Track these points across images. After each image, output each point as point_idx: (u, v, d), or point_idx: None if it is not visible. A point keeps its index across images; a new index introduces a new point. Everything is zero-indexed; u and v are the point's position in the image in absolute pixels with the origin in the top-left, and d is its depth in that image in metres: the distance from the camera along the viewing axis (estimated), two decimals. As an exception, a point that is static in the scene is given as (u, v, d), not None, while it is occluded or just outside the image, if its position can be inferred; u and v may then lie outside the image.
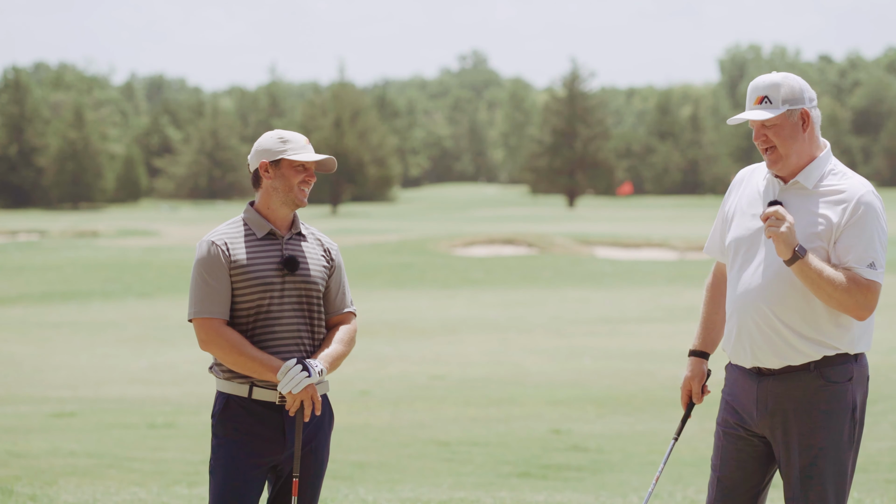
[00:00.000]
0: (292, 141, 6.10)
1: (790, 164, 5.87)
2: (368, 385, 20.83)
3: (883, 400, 18.71)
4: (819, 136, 5.97)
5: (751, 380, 5.91)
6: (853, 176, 5.89)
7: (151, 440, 15.23)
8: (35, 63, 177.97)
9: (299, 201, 6.10)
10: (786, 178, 5.91)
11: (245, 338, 6.02)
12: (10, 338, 28.56)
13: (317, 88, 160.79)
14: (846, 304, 5.71)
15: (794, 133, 5.87)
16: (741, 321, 5.88)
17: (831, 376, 5.81)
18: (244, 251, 6.05)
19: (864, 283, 5.72)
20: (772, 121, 5.85)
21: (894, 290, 38.94)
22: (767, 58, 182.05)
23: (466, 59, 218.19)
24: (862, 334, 5.89)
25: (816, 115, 5.93)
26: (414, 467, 13.63)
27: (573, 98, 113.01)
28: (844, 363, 5.83)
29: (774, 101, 5.86)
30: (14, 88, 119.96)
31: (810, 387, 5.81)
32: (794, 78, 5.90)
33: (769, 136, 5.87)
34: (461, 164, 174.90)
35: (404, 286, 41.74)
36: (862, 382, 5.90)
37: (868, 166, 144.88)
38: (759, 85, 5.88)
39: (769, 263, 5.82)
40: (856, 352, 5.87)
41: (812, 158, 5.90)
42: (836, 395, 5.81)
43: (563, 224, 71.35)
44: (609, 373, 22.06)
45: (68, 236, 65.92)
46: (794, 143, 5.87)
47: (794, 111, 5.86)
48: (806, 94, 5.88)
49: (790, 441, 5.84)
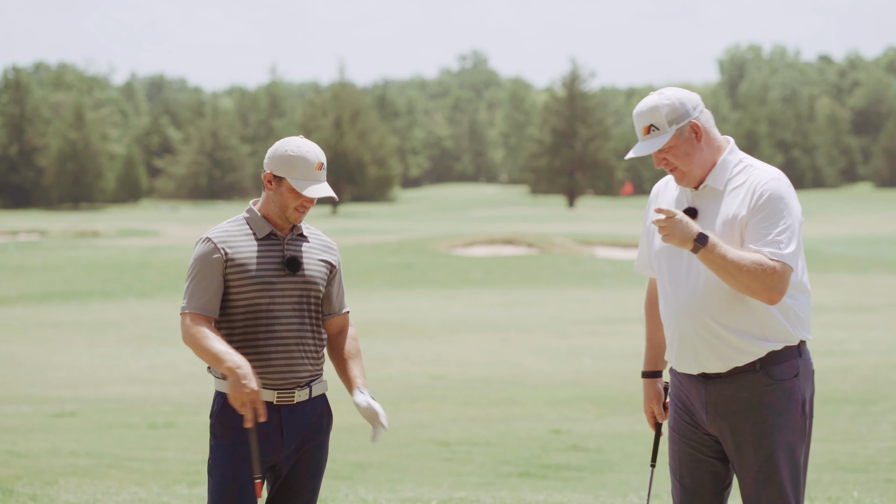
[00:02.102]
0: (301, 166, 6.02)
1: (696, 176, 5.83)
2: (368, 385, 20.81)
3: (883, 400, 18.70)
4: (717, 136, 5.87)
5: (698, 384, 5.87)
6: (761, 166, 5.81)
7: (151, 440, 15.24)
8: (35, 63, 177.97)
9: (294, 220, 6.09)
10: (696, 185, 5.88)
11: (244, 333, 6.03)
12: (11, 338, 28.57)
13: (317, 88, 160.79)
14: (753, 287, 5.60)
15: (690, 148, 5.81)
16: (680, 331, 5.84)
17: (777, 374, 5.75)
18: (244, 250, 6.05)
19: (770, 265, 5.61)
20: (665, 146, 5.80)
21: (894, 289, 38.95)
22: (767, 58, 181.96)
23: (466, 59, 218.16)
24: (797, 321, 5.78)
25: (706, 118, 5.84)
26: (414, 467, 13.63)
27: (573, 98, 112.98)
28: (789, 359, 5.76)
29: (661, 126, 5.79)
30: (14, 88, 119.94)
31: (757, 386, 5.76)
32: (671, 94, 5.81)
33: (669, 160, 5.83)
34: (461, 164, 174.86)
35: (404, 286, 41.73)
36: (808, 377, 5.83)
37: (868, 166, 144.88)
38: (641, 113, 5.81)
39: (696, 269, 5.79)
40: (798, 339, 5.78)
41: (715, 162, 5.83)
42: (785, 393, 5.75)
43: (563, 224, 71.35)
44: (609, 373, 22.07)
45: (68, 236, 65.92)
46: (693, 158, 5.81)
47: (683, 128, 5.79)
48: (688, 104, 5.79)
49: (742, 442, 5.79)
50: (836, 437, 15.69)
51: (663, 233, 5.67)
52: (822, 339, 26.56)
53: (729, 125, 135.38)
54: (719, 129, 6.09)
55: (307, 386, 6.10)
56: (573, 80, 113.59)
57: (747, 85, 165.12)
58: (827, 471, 13.27)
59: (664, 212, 5.66)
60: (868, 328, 28.64)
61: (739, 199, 5.74)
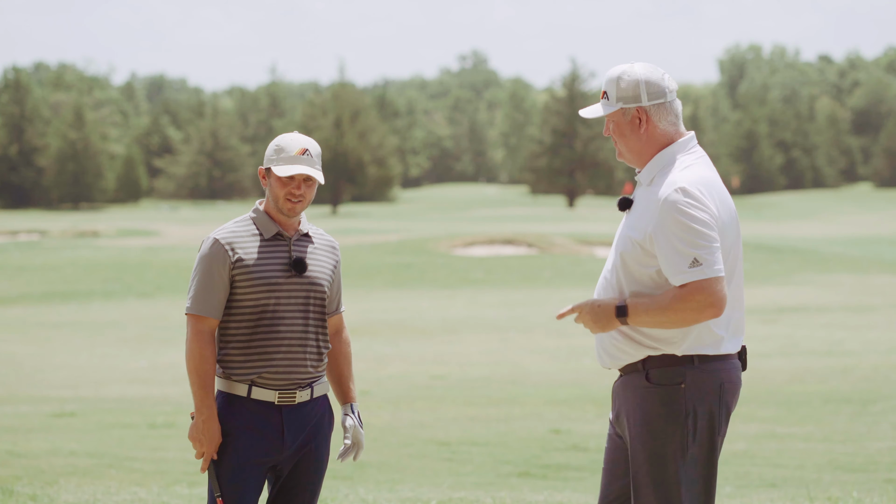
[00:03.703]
0: (285, 150, 6.06)
1: (629, 160, 5.68)
2: (368, 385, 20.83)
3: (883, 400, 18.70)
4: (666, 130, 5.63)
5: (615, 381, 5.80)
6: (675, 172, 5.54)
7: (151, 440, 15.24)
8: (35, 63, 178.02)
9: (288, 210, 6.08)
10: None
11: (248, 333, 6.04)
12: (11, 338, 28.57)
13: (317, 88, 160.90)
14: (690, 320, 5.41)
15: (629, 131, 5.63)
16: None
17: (655, 378, 5.53)
18: (250, 251, 6.06)
19: (687, 291, 5.39)
20: (609, 119, 5.67)
21: (894, 289, 38.95)
22: (767, 58, 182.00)
23: (466, 59, 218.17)
24: (685, 335, 5.52)
25: (662, 110, 5.62)
26: (414, 467, 13.63)
27: (573, 98, 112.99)
28: (674, 365, 5.52)
29: (611, 97, 5.64)
30: (14, 88, 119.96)
31: (638, 388, 5.57)
32: (638, 72, 5.63)
33: (611, 131, 5.70)
34: (461, 164, 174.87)
35: (404, 286, 41.73)
36: (702, 389, 5.52)
37: (868, 166, 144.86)
38: (605, 77, 5.69)
39: (607, 265, 5.73)
40: (682, 353, 5.52)
41: (653, 155, 5.64)
42: (663, 399, 5.52)
43: (563, 224, 71.36)
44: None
45: (68, 236, 65.93)
46: (628, 141, 5.65)
47: (628, 110, 5.62)
48: (645, 90, 5.60)
49: (627, 441, 5.66)
50: (836, 437, 15.69)
51: (579, 322, 5.61)
52: (822, 339, 26.57)
53: (729, 125, 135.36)
54: (719, 129, 6.02)
55: (309, 387, 6.10)
56: (573, 80, 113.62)
57: (747, 85, 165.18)
58: (827, 471, 13.27)
59: (567, 314, 5.58)
60: (868, 328, 28.64)
61: (646, 206, 5.55)
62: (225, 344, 6.07)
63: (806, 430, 16.18)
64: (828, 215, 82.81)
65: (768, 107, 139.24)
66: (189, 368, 6.03)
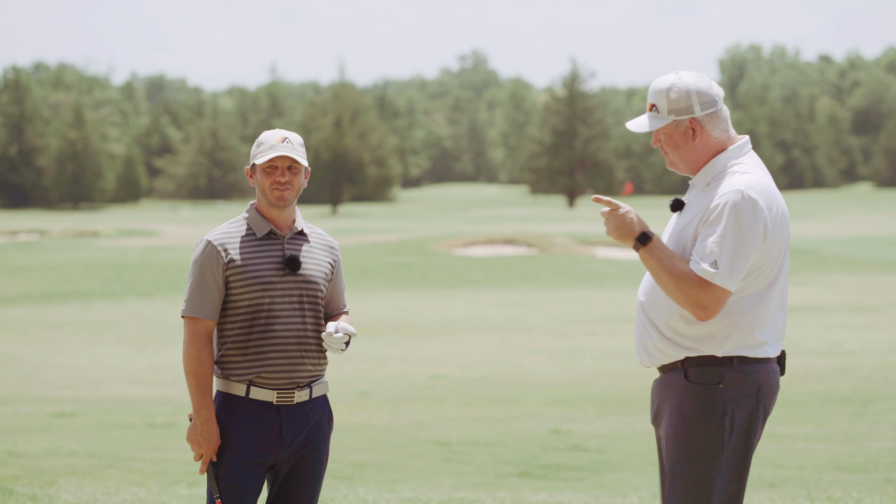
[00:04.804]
0: (264, 143, 6.11)
1: (682, 170, 5.73)
2: (368, 385, 20.83)
3: (883, 400, 18.70)
4: (720, 137, 5.68)
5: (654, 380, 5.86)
6: (737, 176, 5.59)
7: (151, 440, 15.24)
8: (35, 63, 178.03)
9: (276, 201, 6.09)
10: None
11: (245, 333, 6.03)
12: (10, 338, 28.57)
13: (317, 88, 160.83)
14: (679, 299, 5.48)
15: (681, 142, 5.68)
16: (636, 321, 5.87)
17: (694, 377, 5.58)
18: (243, 251, 6.07)
19: (696, 279, 5.47)
20: (659, 131, 5.70)
21: (894, 289, 38.95)
22: (767, 58, 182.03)
23: (466, 60, 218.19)
24: (727, 337, 5.57)
25: (714, 118, 5.66)
26: (414, 467, 13.63)
27: (573, 98, 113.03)
28: (713, 365, 5.57)
29: (661, 110, 5.67)
30: (14, 88, 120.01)
31: (677, 386, 5.62)
32: (687, 82, 5.66)
33: (662, 143, 5.73)
34: (461, 164, 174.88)
35: (404, 286, 41.73)
36: (740, 390, 5.58)
37: (868, 166, 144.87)
38: (652, 90, 5.70)
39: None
40: (722, 355, 5.57)
41: (707, 161, 5.68)
42: (701, 398, 5.58)
43: (563, 224, 71.37)
44: (609, 373, 22.06)
45: (68, 236, 65.94)
46: (682, 152, 5.69)
47: (682, 122, 5.66)
48: (697, 99, 5.63)
49: (663, 438, 5.72)
50: (836, 437, 15.69)
51: (605, 225, 5.64)
52: (822, 339, 26.57)
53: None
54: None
55: (307, 387, 6.10)
56: (573, 80, 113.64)
57: (747, 85, 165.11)
58: (827, 471, 13.27)
59: (606, 203, 5.61)
60: (868, 328, 28.64)
61: (702, 205, 5.60)
62: (222, 344, 6.08)
63: (806, 430, 16.18)
64: (828, 215, 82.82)
65: (768, 107, 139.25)
66: (186, 371, 6.04)
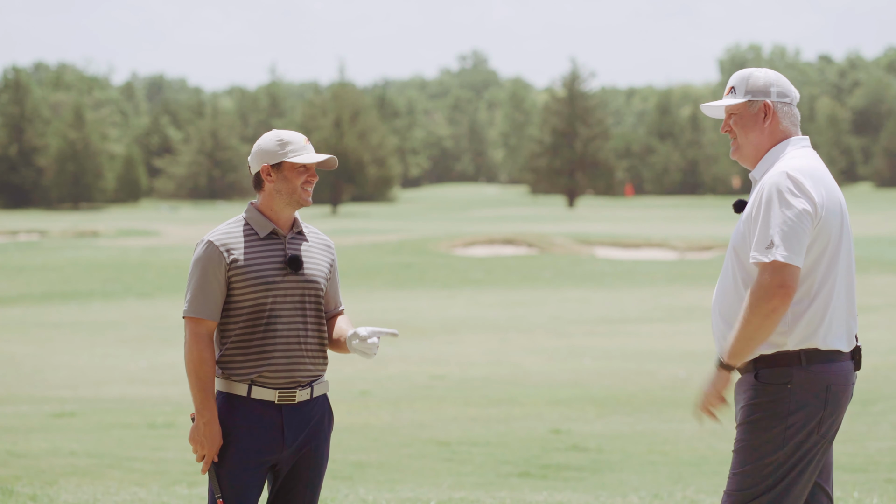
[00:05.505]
0: (292, 142, 6.10)
1: (746, 155, 5.89)
2: (368, 385, 20.82)
3: (883, 400, 18.69)
4: (786, 128, 5.87)
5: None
6: (791, 159, 5.77)
7: (151, 440, 15.24)
8: (35, 63, 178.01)
9: (303, 201, 6.12)
10: (752, 167, 5.96)
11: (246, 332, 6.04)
12: (10, 338, 28.57)
13: (317, 88, 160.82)
14: (765, 310, 5.54)
15: (752, 123, 5.86)
16: (712, 323, 5.97)
17: (764, 377, 5.69)
18: (245, 251, 6.06)
19: (757, 280, 5.56)
20: (732, 108, 5.88)
21: (894, 289, 38.94)
22: (767, 58, 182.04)
23: (466, 60, 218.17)
24: (794, 326, 5.67)
25: (786, 111, 5.87)
26: (414, 467, 13.63)
27: (573, 98, 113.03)
28: (784, 365, 5.68)
29: (739, 91, 5.89)
30: (14, 88, 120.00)
31: (749, 386, 5.74)
32: (770, 74, 5.90)
33: (731, 126, 5.91)
34: (461, 164, 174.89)
35: (404, 286, 41.72)
36: (808, 390, 5.70)
37: (868, 166, 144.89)
38: (734, 75, 5.94)
39: (724, 267, 5.87)
40: (796, 347, 5.67)
41: (767, 150, 5.86)
42: (769, 397, 5.69)
43: (563, 224, 71.37)
44: (609, 373, 22.06)
45: (68, 236, 65.94)
46: (750, 133, 5.86)
47: (756, 102, 5.85)
48: (774, 88, 5.86)
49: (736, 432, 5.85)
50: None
51: (716, 410, 5.78)
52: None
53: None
54: (720, 128, 6.07)
55: (309, 386, 6.11)
56: (573, 80, 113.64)
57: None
58: (827, 471, 13.25)
59: (708, 415, 5.78)
60: (868, 328, 28.62)
61: (754, 196, 5.75)
62: (223, 344, 6.08)
63: (806, 430, 16.15)
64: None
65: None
66: (188, 371, 6.04)
